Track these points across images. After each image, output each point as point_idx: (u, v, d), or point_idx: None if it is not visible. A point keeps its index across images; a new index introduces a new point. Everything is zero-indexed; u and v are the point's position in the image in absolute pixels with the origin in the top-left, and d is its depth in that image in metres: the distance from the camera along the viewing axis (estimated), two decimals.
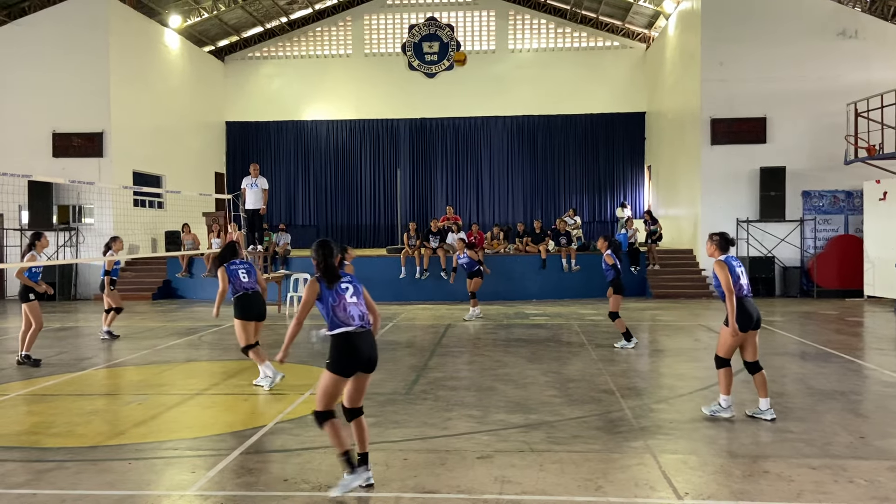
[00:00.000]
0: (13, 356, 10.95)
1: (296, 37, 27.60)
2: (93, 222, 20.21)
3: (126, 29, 21.09)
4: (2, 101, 20.17)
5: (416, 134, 27.41)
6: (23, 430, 6.67)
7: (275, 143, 27.66)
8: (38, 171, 18.22)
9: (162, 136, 22.81)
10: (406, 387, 8.31)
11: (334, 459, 5.61)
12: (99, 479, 5.20)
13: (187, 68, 24.82)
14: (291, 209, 27.52)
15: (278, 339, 12.19)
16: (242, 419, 6.94)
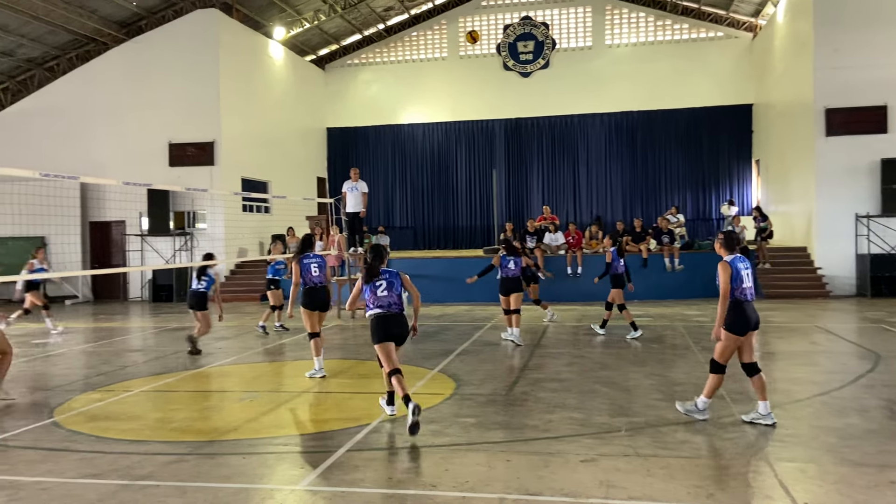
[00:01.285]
0: (136, 354, 11.68)
1: (392, 42, 28.11)
2: (205, 227, 21.28)
3: (234, 43, 22.11)
4: (123, 116, 21.56)
5: (511, 134, 27.34)
6: (146, 424, 7.10)
7: (373, 147, 28.26)
8: (156, 180, 19.40)
9: (267, 144, 23.75)
10: (506, 388, 8.29)
11: (438, 458, 5.69)
12: (216, 473, 5.46)
13: (290, 77, 25.75)
14: (389, 211, 28.02)
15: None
16: (349, 417, 7.11)
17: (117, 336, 13.66)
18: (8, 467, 5.66)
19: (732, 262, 6.48)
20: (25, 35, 20.19)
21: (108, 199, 21.19)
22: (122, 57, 21.66)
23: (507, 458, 5.67)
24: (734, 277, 6.39)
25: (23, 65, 21.70)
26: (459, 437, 6.34)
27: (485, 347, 11.28)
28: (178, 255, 21.13)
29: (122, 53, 21.68)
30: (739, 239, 6.72)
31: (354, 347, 11.55)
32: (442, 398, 7.75)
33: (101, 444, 6.27)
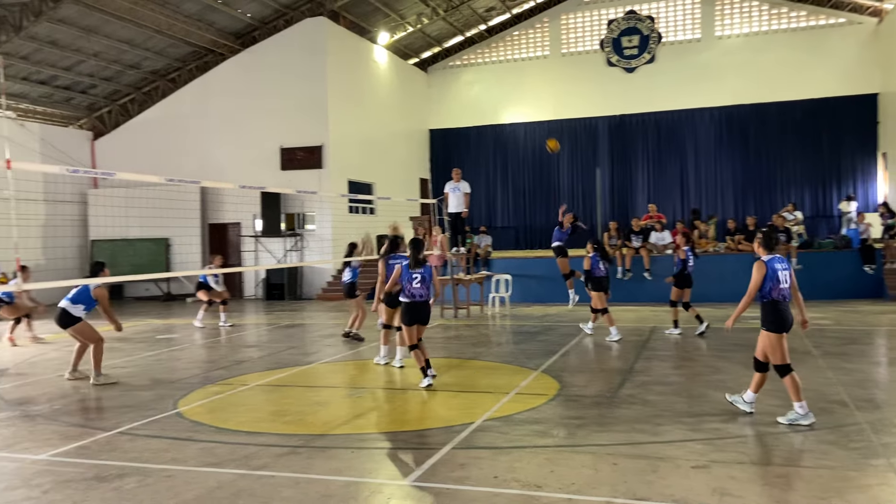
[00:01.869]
0: (251, 350, 12.24)
1: (494, 42, 28.13)
2: (314, 228, 22.04)
3: (340, 49, 22.78)
4: (238, 122, 22.65)
5: (615, 131, 26.76)
6: (261, 417, 7.43)
7: (475, 147, 28.37)
8: (268, 184, 20.27)
9: (372, 146, 24.32)
10: (612, 390, 8.13)
11: (543, 459, 5.65)
12: (327, 465, 5.65)
13: (394, 81, 26.27)
14: (491, 212, 28.05)
15: (478, 337, 12.49)
16: (452, 415, 7.18)
17: (234, 332, 14.36)
18: (136, 455, 6.07)
19: (769, 263, 6.44)
20: (150, 48, 21.58)
21: (224, 202, 22.33)
22: (237, 66, 22.77)
23: (613, 461, 5.56)
24: (770, 277, 6.37)
25: (148, 76, 23.19)
26: (563, 438, 6.27)
27: (589, 348, 11.11)
28: (289, 256, 21.99)
29: (237, 63, 22.78)
30: (779, 238, 6.64)
31: (457, 347, 11.65)
32: (545, 399, 7.69)
33: (220, 435, 6.61)
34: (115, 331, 9.67)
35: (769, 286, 6.37)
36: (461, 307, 16.05)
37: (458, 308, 15.92)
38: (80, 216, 22.74)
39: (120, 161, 22.60)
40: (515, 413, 7.09)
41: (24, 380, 9.67)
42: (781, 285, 6.40)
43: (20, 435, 6.83)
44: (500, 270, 17.97)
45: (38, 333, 13.45)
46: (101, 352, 9.44)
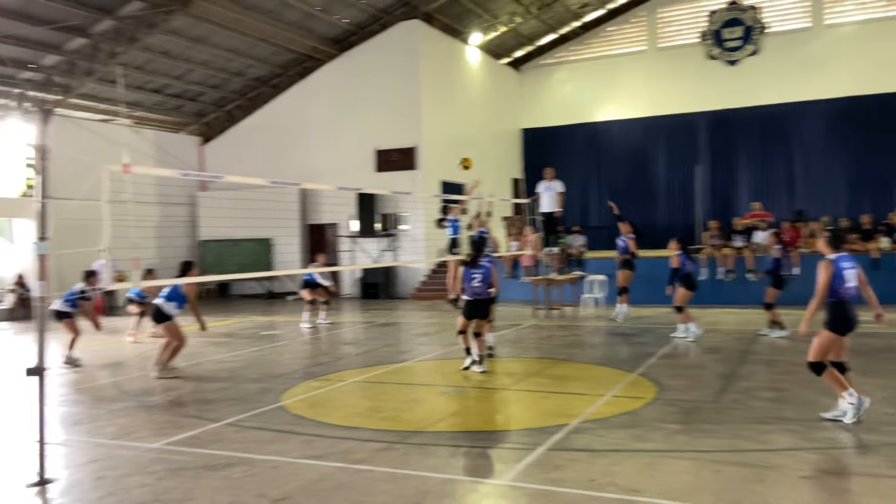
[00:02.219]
0: (349, 346, 12.55)
1: (588, 39, 27.69)
2: (408, 228, 22.37)
3: (434, 50, 23.02)
4: (335, 125, 23.27)
5: (715, 127, 25.78)
6: (358, 412, 7.61)
7: (568, 146, 27.98)
8: (364, 185, 20.74)
9: (464, 147, 24.36)
10: (713, 395, 7.86)
11: (641, 463, 5.53)
12: (423, 462, 5.73)
13: (486, 81, 26.30)
14: (585, 211, 27.59)
15: (571, 338, 12.33)
16: (546, 416, 7.13)
17: (331, 329, 14.76)
18: (243, 445, 6.35)
19: (836, 261, 6.41)
20: (254, 56, 22.49)
21: (322, 203, 23.00)
22: (334, 71, 23.40)
23: (715, 468, 5.38)
24: (836, 276, 6.34)
25: (252, 83, 24.18)
26: (662, 443, 6.11)
27: (688, 352, 10.77)
28: (383, 255, 22.41)
29: (334, 68, 23.42)
30: (845, 237, 6.40)
31: (550, 348, 11.55)
32: (643, 402, 7.51)
33: (320, 429, 6.82)
34: (199, 329, 10.13)
35: (835, 285, 6.33)
36: (554, 308, 15.90)
37: (550, 308, 15.78)
38: (190, 217, 23.97)
39: (226, 164, 23.68)
40: (611, 416, 6.97)
41: (140, 372, 10.28)
42: (848, 284, 6.39)
43: (137, 424, 7.27)
44: (594, 271, 17.67)
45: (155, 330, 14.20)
46: (178, 351, 9.87)
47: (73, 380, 9.87)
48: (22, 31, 16.81)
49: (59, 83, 19.48)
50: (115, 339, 13.50)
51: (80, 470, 5.82)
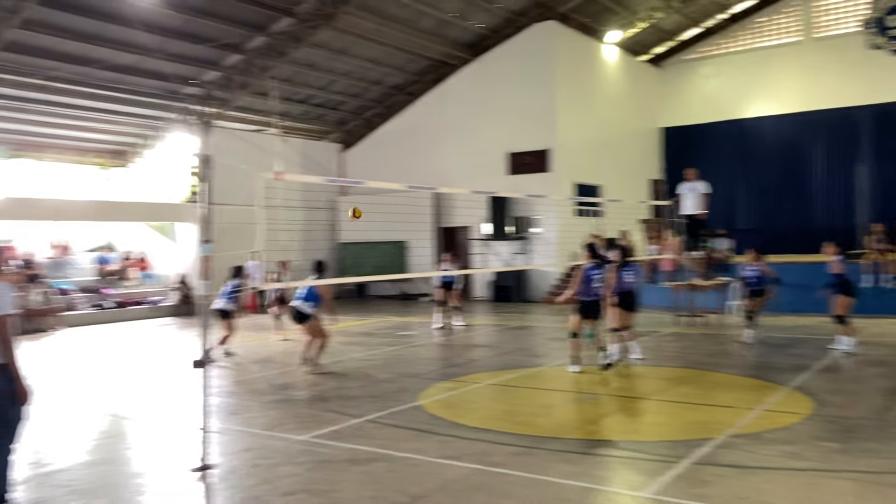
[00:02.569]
0: (482, 349, 12.60)
1: (734, 31, 26.30)
2: (541, 231, 22.21)
3: (569, 51, 22.73)
4: (468, 129, 23.51)
5: (879, 121, 23.70)
6: (494, 415, 7.63)
7: (712, 144, 26.69)
8: (496, 188, 20.81)
9: (600, 148, 23.95)
10: (877, 412, 7.22)
11: (796, 483, 5.18)
12: (561, 469, 5.64)
13: (623, 79, 25.64)
14: (731, 213, 26.20)
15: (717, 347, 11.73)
16: (691, 428, 6.83)
17: (465, 332, 14.91)
18: (382, 442, 6.53)
19: None
20: (391, 65, 23.17)
21: (455, 206, 23.30)
22: (468, 76, 23.66)
23: (881, 491, 4.94)
24: None
25: (389, 91, 24.92)
26: (820, 462, 5.68)
27: (849, 365, 9.94)
28: (515, 259, 22.38)
29: (468, 73, 23.67)
30: None
31: (694, 357, 11.05)
32: (798, 418, 7.01)
33: (456, 430, 6.89)
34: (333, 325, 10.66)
35: None
36: (697, 315, 15.21)
37: (694, 316, 15.11)
38: (330, 221, 25.06)
39: (363, 170, 24.57)
40: (763, 431, 6.56)
41: (286, 368, 10.84)
42: None
43: (285, 416, 7.67)
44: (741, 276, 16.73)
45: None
46: (324, 347, 10.29)
47: (228, 373, 10.57)
48: (186, 49, 18.25)
49: (218, 97, 20.98)
50: (263, 336, 14.34)
51: (237, 457, 6.21)
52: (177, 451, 6.46)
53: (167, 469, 5.94)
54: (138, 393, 9.38)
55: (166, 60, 17.79)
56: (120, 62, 18.03)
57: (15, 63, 17.10)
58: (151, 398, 9.07)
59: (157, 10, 16.56)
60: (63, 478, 5.75)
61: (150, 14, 16.52)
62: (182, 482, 5.58)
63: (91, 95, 19.49)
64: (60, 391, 9.59)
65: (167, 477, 5.73)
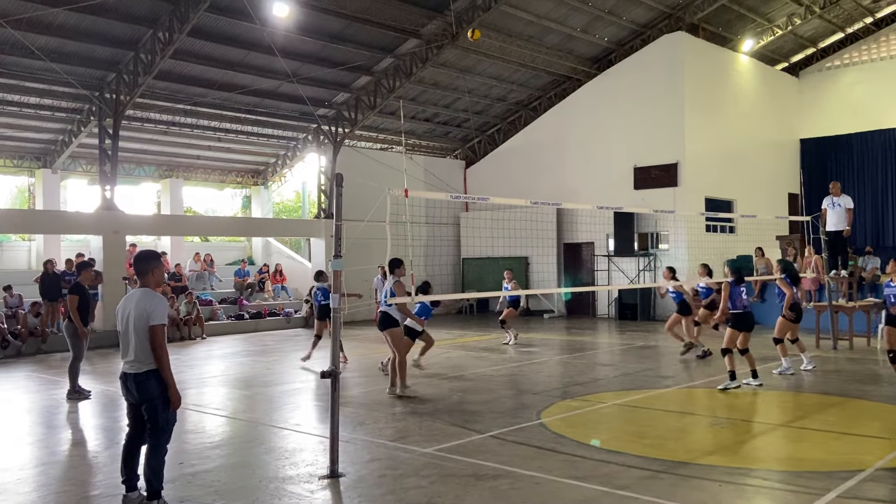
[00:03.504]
0: (606, 368, 12.34)
1: (883, 36, 24.52)
2: (668, 248, 21.48)
3: (699, 62, 21.96)
4: (593, 144, 23.17)
5: None
6: (620, 436, 7.43)
7: (858, 156, 24.94)
8: (622, 203, 20.37)
9: (732, 161, 22.92)
10: None
11: None
12: (691, 496, 5.42)
13: (758, 89, 24.45)
14: (880, 229, 24.33)
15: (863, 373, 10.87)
16: (836, 459, 6.37)
17: (588, 349, 14.65)
18: (506, 458, 6.52)
19: None
20: (514, 81, 23.30)
21: (579, 222, 23.00)
22: (592, 90, 23.36)
23: None
24: None
25: (512, 107, 25.05)
26: None
27: None
28: (641, 276, 21.76)
29: (592, 87, 23.37)
30: None
31: (837, 383, 10.30)
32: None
33: (581, 450, 6.78)
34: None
35: None
36: (841, 338, 14.17)
37: (837, 339, 14.10)
38: (454, 237, 25.41)
39: (486, 186, 24.75)
40: None
41: (411, 381, 11.04)
42: None
43: (410, 429, 7.82)
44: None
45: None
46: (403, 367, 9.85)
47: (354, 384, 10.92)
48: (320, 73, 19.20)
49: (347, 117, 21.88)
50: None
51: (365, 467, 6.41)
52: (309, 458, 6.74)
53: (300, 475, 6.21)
54: (273, 400, 9.88)
55: (301, 84, 18.78)
56: (260, 87, 19.24)
57: (166, 90, 18.65)
58: (286, 406, 9.52)
59: (294, 36, 17.55)
60: (207, 479, 6.14)
61: (287, 41, 17.53)
62: (313, 488, 5.82)
63: (234, 119, 20.91)
64: (203, 396, 10.27)
65: (300, 482, 5.99)
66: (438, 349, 14.90)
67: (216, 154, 23.28)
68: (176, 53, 16.80)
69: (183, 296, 18.38)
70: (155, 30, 16.18)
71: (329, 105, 21.72)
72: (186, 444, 7.24)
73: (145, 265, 5.31)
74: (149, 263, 5.32)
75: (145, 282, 5.31)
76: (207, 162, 23.69)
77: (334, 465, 6.10)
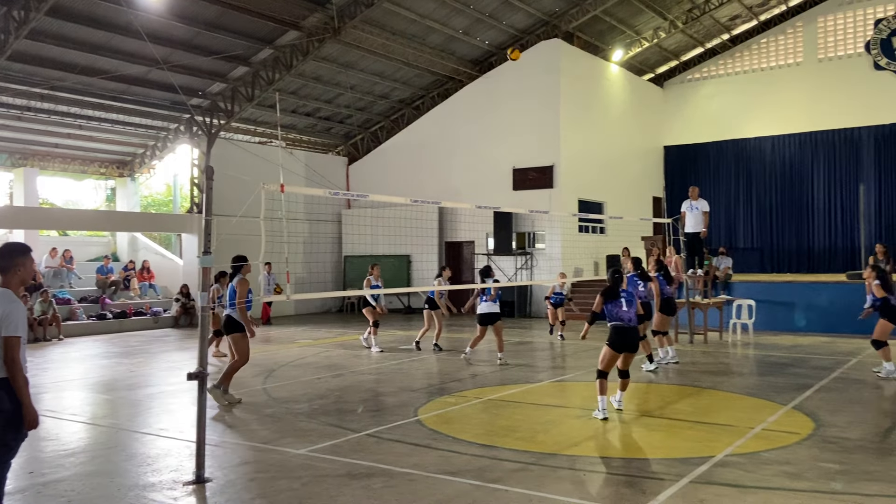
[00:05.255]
0: (484, 365, 12.60)
1: (738, 52, 26.48)
2: (544, 247, 22.23)
3: (574, 69, 22.85)
4: (474, 145, 23.61)
5: (884, 142, 23.80)
6: (494, 430, 7.60)
7: (714, 163, 26.84)
8: (501, 204, 20.86)
9: (603, 165, 24.03)
10: (879, 435, 7.19)
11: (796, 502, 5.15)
12: (559, 487, 5.63)
13: (627, 98, 25.76)
14: (732, 232, 26.28)
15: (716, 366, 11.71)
16: (689, 447, 6.81)
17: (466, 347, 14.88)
18: (381, 457, 6.52)
19: None
20: (398, 79, 23.32)
21: (460, 221, 23.35)
22: (474, 92, 23.79)
23: None
24: None
25: (395, 105, 25.06)
26: (819, 483, 5.66)
27: (851, 385, 9.91)
28: (519, 274, 22.39)
29: (474, 89, 23.80)
30: None
31: (693, 375, 11.03)
32: (797, 438, 7.00)
33: (457, 445, 6.88)
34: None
35: None
36: (697, 333, 15.19)
37: (693, 334, 15.09)
38: (335, 234, 25.12)
39: (369, 184, 24.66)
40: (762, 451, 6.54)
41: (287, 381, 10.84)
42: None
43: (284, 430, 7.65)
44: (741, 295, 16.75)
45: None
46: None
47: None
48: (192, 61, 18.39)
49: (223, 108, 21.10)
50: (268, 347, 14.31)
51: (234, 471, 6.20)
52: (174, 463, 6.45)
53: (163, 481, 5.92)
54: (137, 405, 9.38)
55: (173, 71, 17.92)
56: (127, 73, 18.19)
57: (21, 72, 17.26)
58: (150, 410, 9.07)
59: (165, 21, 16.73)
60: (60, 488, 5.74)
61: (157, 25, 16.69)
62: (177, 495, 5.57)
63: (96, 105, 19.65)
64: (60, 401, 9.59)
65: (162, 489, 5.72)
66: (317, 348, 14.70)
67: (77, 142, 21.76)
68: (32, 33, 15.60)
69: (38, 294, 17.09)
70: (9, 7, 14.95)
71: (203, 95, 20.86)
72: (39, 453, 6.74)
73: (7, 261, 4.40)
74: (11, 259, 4.41)
75: (6, 281, 4.40)
76: (67, 150, 22.11)
77: (200, 469, 5.86)
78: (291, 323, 20.75)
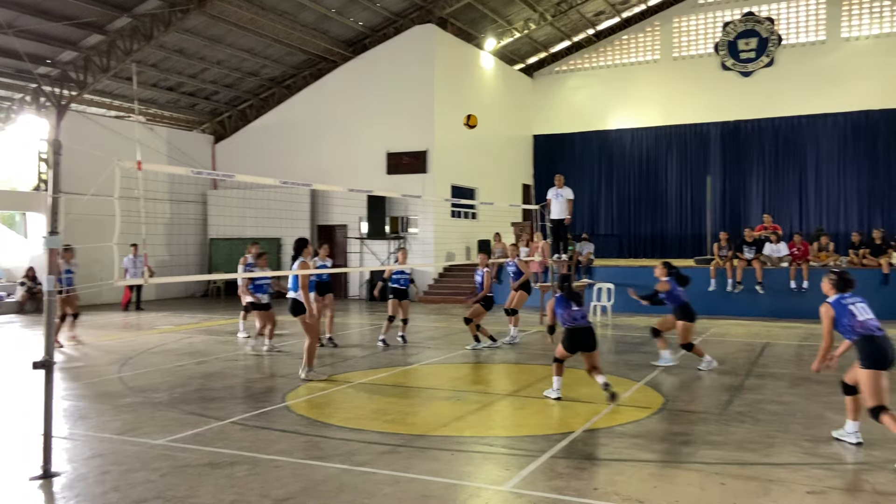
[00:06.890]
0: (355, 349, 12.55)
1: (602, 47, 27.70)
2: (417, 231, 22.39)
3: (448, 55, 23.05)
4: (348, 127, 23.33)
5: (728, 137, 25.74)
6: (363, 414, 7.60)
7: (579, 153, 28.00)
8: (375, 187, 20.76)
9: (476, 152, 24.46)
10: (720, 407, 7.82)
11: (645, 474, 5.50)
12: (427, 466, 5.72)
13: (499, 86, 26.32)
14: (594, 218, 27.59)
15: None
16: (551, 423, 7.12)
17: (338, 331, 14.75)
18: (246, 444, 6.36)
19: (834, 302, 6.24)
20: (268, 57, 22.59)
21: (332, 204, 23.05)
22: (348, 73, 23.47)
23: (721, 480, 5.34)
24: (843, 314, 6.15)
25: (265, 83, 24.28)
26: (668, 454, 6.09)
27: (695, 362, 10.69)
28: (392, 258, 22.43)
29: (348, 70, 23.48)
30: (853, 281, 6.31)
31: None
32: (649, 412, 7.49)
33: (325, 430, 6.83)
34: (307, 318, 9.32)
35: (848, 323, 6.05)
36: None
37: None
38: (201, 216, 24.07)
39: (238, 164, 23.77)
40: (616, 425, 6.95)
41: (146, 368, 10.32)
42: (861, 318, 6.04)
43: (142, 420, 7.29)
44: (602, 279, 17.63)
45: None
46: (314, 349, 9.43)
47: (80, 374, 9.91)
48: (40, 26, 16.94)
49: (75, 79, 19.61)
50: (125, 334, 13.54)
51: (85, 464, 5.84)
52: (16, 458, 5.98)
53: (7, 477, 5.48)
54: None
55: (18, 37, 16.42)
56: None
57: None
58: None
59: None
60: None
61: None
62: (21, 492, 5.18)
63: None
64: None
65: (6, 485, 5.29)
66: (179, 334, 14.08)
67: None
68: None
69: None
70: None
71: (52, 64, 19.28)
72: None
73: None
74: None
75: None
76: None
77: (48, 464, 5.48)
78: (152, 308, 19.74)
